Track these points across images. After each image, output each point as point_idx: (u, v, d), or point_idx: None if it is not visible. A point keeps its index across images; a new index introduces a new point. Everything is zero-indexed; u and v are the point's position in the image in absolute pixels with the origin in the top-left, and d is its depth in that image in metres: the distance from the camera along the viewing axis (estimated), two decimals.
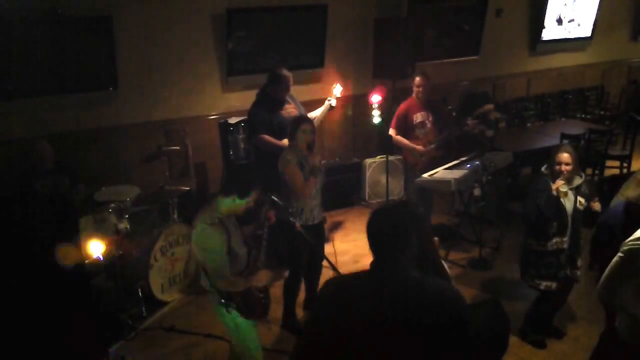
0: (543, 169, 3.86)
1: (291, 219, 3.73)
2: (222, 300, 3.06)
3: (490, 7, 7.39)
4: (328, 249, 4.35)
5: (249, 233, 3.36)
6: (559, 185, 3.64)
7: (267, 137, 4.76)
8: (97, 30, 5.10)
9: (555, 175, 3.73)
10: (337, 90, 5.22)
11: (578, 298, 4.35)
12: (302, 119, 4.18)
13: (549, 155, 3.90)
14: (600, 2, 8.31)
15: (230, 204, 3.08)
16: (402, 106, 5.40)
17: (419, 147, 5.32)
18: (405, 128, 5.35)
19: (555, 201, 3.64)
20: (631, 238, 2.62)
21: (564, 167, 3.70)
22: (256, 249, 3.26)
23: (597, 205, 3.83)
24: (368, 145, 6.92)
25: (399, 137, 5.38)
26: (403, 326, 1.79)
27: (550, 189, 3.67)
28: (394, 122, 5.42)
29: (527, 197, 3.83)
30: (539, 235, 3.77)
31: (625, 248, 2.60)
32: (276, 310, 4.29)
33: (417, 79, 5.34)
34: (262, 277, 3.21)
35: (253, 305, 3.15)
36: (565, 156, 3.71)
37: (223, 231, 3.04)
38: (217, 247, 3.00)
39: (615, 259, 2.66)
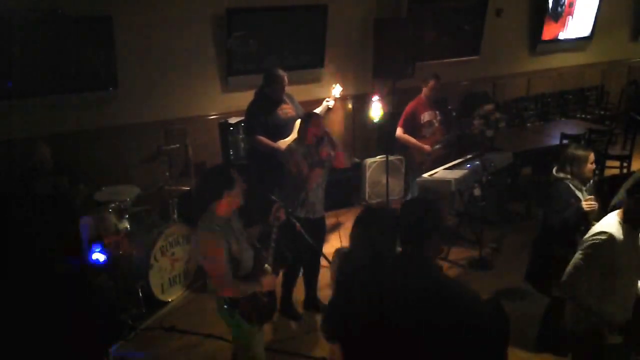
0: (562, 174, 3.75)
1: (291, 219, 3.73)
2: (225, 306, 3.01)
3: (490, 7, 7.39)
4: (327, 248, 4.35)
5: (256, 234, 3.32)
6: (591, 205, 3.56)
7: (262, 138, 4.77)
8: (97, 30, 5.10)
9: (582, 176, 3.71)
10: (337, 90, 5.22)
11: None
12: (312, 116, 4.26)
13: (559, 156, 3.83)
14: (600, 2, 8.31)
15: (223, 205, 2.99)
16: (410, 105, 5.43)
17: (427, 147, 5.34)
18: (413, 127, 5.37)
19: (583, 214, 3.56)
20: (590, 235, 2.94)
21: (594, 166, 3.73)
22: (264, 250, 3.20)
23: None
24: (368, 145, 6.92)
25: (406, 136, 5.39)
26: (416, 321, 1.90)
27: (573, 195, 3.63)
28: (401, 121, 5.45)
29: (551, 206, 3.72)
30: (570, 242, 3.64)
31: (588, 244, 2.92)
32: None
33: (432, 82, 5.35)
34: (268, 281, 3.12)
35: (258, 311, 3.08)
36: (593, 155, 3.73)
37: (222, 238, 2.94)
38: (217, 255, 2.92)
39: (577, 256, 2.97)
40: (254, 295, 3.05)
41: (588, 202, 3.54)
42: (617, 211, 3.00)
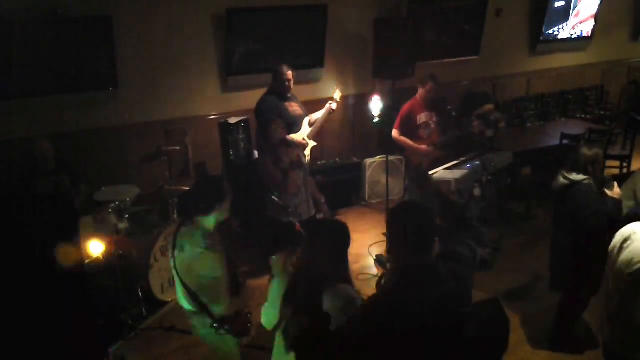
0: (583, 175, 3.71)
1: (292, 219, 3.74)
2: (215, 325, 2.91)
3: (490, 7, 7.39)
4: None
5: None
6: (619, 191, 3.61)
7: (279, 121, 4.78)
8: (97, 30, 5.10)
9: (600, 175, 3.73)
10: (337, 95, 5.28)
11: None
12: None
13: (573, 158, 3.80)
14: (600, 2, 8.31)
15: (212, 219, 2.93)
16: (406, 107, 5.39)
17: (423, 147, 5.32)
18: (409, 129, 5.34)
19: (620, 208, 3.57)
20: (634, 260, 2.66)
21: None
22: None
23: None
24: (368, 145, 6.92)
25: (402, 138, 5.36)
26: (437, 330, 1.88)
27: (596, 195, 3.62)
28: (397, 122, 5.40)
29: (582, 209, 3.62)
30: (604, 241, 3.70)
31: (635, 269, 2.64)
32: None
33: (430, 85, 5.29)
34: (243, 294, 3.13)
35: (242, 326, 3.01)
36: None
37: (221, 254, 2.88)
38: (217, 273, 2.85)
39: (625, 285, 2.71)
40: (238, 312, 2.98)
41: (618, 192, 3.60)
42: None
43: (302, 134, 5.04)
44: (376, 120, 5.68)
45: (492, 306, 2.14)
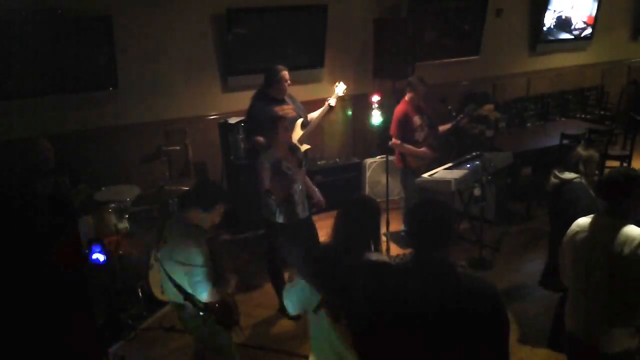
0: (574, 174, 3.72)
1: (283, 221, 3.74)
2: (201, 313, 2.96)
3: (490, 7, 7.39)
4: None
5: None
6: None
7: (260, 138, 4.69)
8: (97, 30, 5.10)
9: (592, 175, 3.73)
10: (340, 88, 5.16)
11: None
12: (280, 118, 4.24)
13: (566, 157, 3.81)
14: (600, 2, 8.31)
15: (206, 217, 3.01)
16: (400, 112, 5.26)
17: (423, 150, 5.26)
18: (407, 133, 5.25)
19: None
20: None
21: None
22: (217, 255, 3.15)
23: None
24: (368, 145, 6.92)
25: (407, 146, 5.25)
26: (437, 320, 1.92)
27: (590, 194, 3.61)
28: (395, 129, 5.25)
29: (577, 207, 3.56)
30: None
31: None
32: (263, 312, 4.47)
33: (421, 88, 5.23)
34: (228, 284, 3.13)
35: (229, 313, 3.06)
36: None
37: (199, 242, 2.92)
38: (199, 261, 2.88)
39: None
40: (223, 300, 3.02)
41: None
42: None
43: (293, 138, 4.95)
44: (377, 121, 5.64)
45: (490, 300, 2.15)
